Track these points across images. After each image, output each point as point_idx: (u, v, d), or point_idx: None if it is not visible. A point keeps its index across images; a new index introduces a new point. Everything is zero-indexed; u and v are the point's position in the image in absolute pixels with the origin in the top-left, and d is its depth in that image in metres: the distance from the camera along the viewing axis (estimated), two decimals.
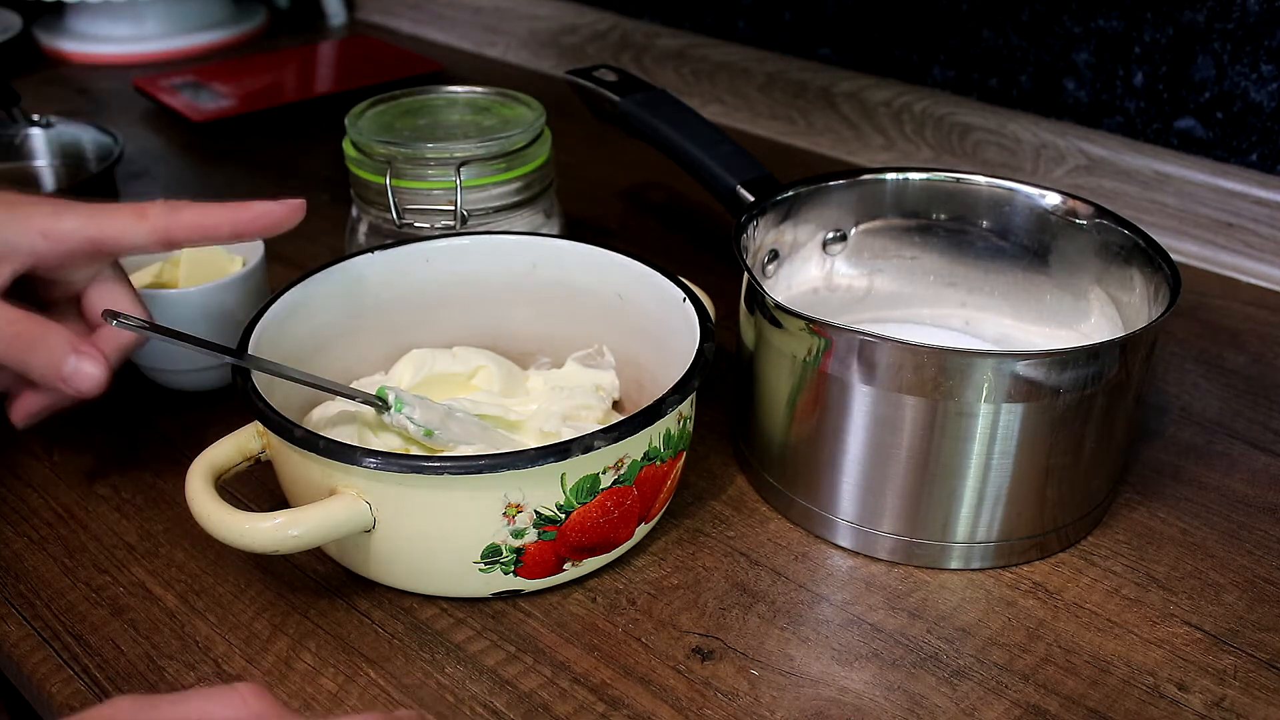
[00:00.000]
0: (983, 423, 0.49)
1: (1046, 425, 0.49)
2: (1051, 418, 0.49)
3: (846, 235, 0.64)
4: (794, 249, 0.63)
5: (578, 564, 0.50)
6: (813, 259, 0.64)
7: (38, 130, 0.94)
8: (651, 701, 0.46)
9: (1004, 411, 0.49)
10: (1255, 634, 0.49)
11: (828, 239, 0.64)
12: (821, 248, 0.64)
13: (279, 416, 0.47)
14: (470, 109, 0.73)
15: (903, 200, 0.64)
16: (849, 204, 0.63)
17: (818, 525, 0.55)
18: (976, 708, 0.46)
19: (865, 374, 0.49)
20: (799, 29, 1.00)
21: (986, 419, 0.49)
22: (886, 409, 0.50)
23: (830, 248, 0.64)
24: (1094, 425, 0.51)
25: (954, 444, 0.50)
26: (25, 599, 0.52)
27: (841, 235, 0.64)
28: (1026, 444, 0.50)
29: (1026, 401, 0.48)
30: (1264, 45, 0.76)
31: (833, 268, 0.65)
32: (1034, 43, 0.87)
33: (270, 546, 0.46)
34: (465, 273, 0.61)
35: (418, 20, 1.31)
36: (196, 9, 1.25)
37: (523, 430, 0.56)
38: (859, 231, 0.64)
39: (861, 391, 0.50)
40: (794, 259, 0.64)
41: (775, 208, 0.61)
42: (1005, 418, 0.49)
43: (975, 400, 0.48)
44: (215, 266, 0.65)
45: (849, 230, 0.64)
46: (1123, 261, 0.57)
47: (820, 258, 0.64)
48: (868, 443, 0.51)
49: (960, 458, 0.50)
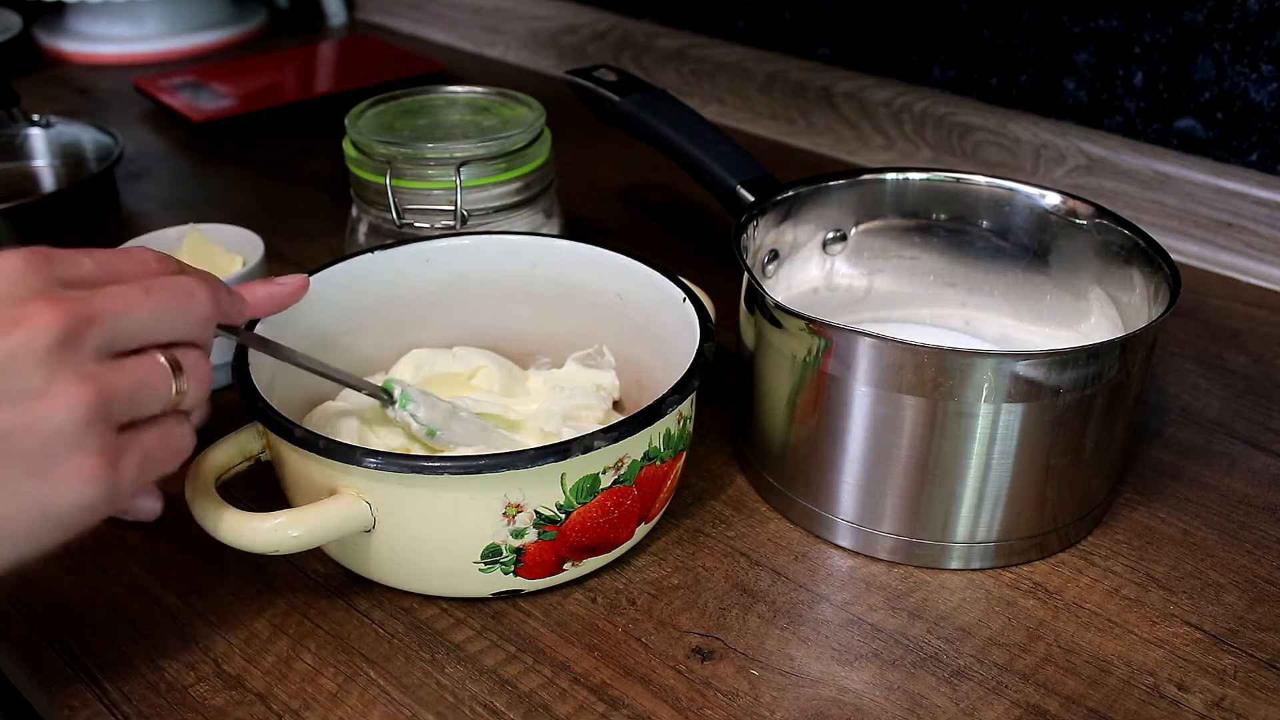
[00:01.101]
0: (982, 423, 0.49)
1: (1046, 425, 0.49)
2: (1051, 418, 0.49)
3: (846, 235, 0.64)
4: (794, 249, 0.63)
5: (578, 564, 0.50)
6: (813, 259, 0.64)
7: (38, 130, 0.94)
8: (651, 701, 0.46)
9: (1004, 411, 0.49)
10: (1255, 634, 0.49)
11: (828, 239, 0.64)
12: (821, 248, 0.64)
13: (279, 416, 0.47)
14: (470, 109, 0.73)
15: (903, 200, 0.64)
16: (849, 204, 0.63)
17: (818, 525, 0.55)
18: (976, 708, 0.46)
19: (865, 374, 0.49)
20: (799, 29, 1.00)
21: (986, 419, 0.49)
22: (887, 409, 0.50)
23: (830, 248, 0.64)
24: (1094, 425, 0.51)
25: (954, 444, 0.50)
26: (25, 599, 0.52)
27: (841, 235, 0.64)
28: (1026, 444, 0.50)
29: (1026, 401, 0.48)
30: (1264, 45, 0.76)
31: (833, 268, 0.65)
32: (1034, 43, 0.87)
33: (270, 546, 0.46)
34: (465, 273, 0.61)
35: (418, 20, 1.31)
36: (196, 9, 1.25)
37: (523, 430, 0.56)
38: (859, 231, 0.64)
39: (861, 391, 0.50)
40: (794, 259, 0.64)
41: (775, 208, 0.61)
42: (1005, 418, 0.49)
43: (975, 400, 0.48)
44: (215, 266, 0.65)
45: (849, 230, 0.64)
46: (1123, 261, 0.57)
47: (820, 258, 0.64)
48: (868, 443, 0.51)
49: (960, 458, 0.50)
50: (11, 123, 0.94)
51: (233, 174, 0.96)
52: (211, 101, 1.06)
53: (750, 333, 0.55)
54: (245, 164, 0.98)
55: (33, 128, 0.94)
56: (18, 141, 0.94)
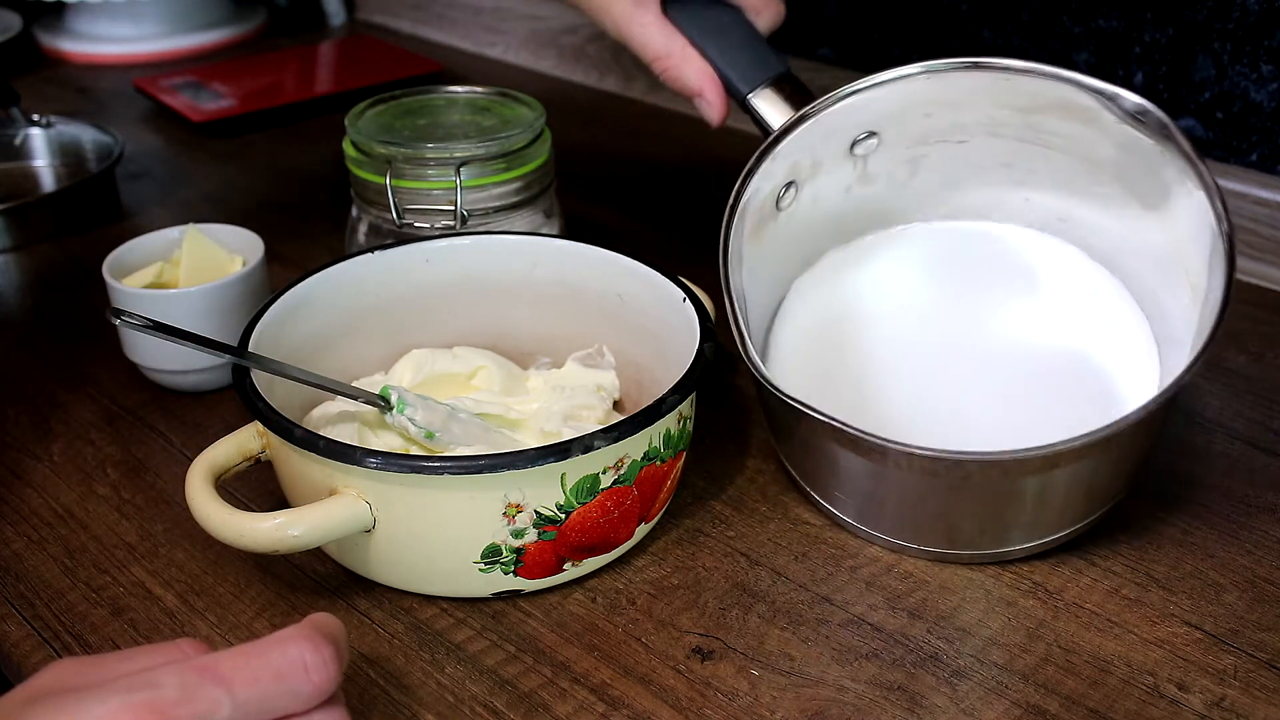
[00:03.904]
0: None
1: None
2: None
3: (877, 132, 0.57)
4: (814, 170, 0.58)
5: (578, 564, 0.50)
6: (840, 169, 0.59)
7: (38, 130, 0.94)
8: (651, 701, 0.46)
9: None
10: (1255, 634, 0.49)
11: (857, 139, 0.57)
12: (849, 150, 0.58)
13: (279, 416, 0.47)
14: (470, 109, 0.73)
15: (946, 95, 0.56)
16: (875, 108, 0.57)
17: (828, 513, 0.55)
18: (976, 708, 0.46)
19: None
20: (799, 29, 1.00)
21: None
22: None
23: (859, 147, 0.57)
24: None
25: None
26: (25, 599, 0.52)
27: (871, 133, 0.57)
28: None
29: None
30: (1264, 45, 0.76)
31: (865, 167, 0.59)
32: (1034, 43, 0.87)
33: (270, 546, 0.46)
34: (465, 273, 0.61)
35: (418, 20, 1.31)
36: (196, 9, 1.25)
37: (524, 429, 0.56)
38: (893, 126, 0.58)
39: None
40: (816, 178, 0.58)
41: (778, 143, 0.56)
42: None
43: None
44: (215, 266, 0.65)
45: (881, 128, 0.57)
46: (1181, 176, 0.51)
47: (849, 160, 0.58)
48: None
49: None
50: (11, 123, 0.94)
51: (233, 174, 0.96)
52: (211, 101, 1.06)
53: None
54: (245, 164, 0.98)
55: (33, 128, 0.94)
56: (18, 141, 0.94)
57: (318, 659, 0.36)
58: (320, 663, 0.36)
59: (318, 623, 0.37)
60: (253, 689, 0.34)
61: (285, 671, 0.35)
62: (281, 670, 0.35)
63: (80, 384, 0.67)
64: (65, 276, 0.79)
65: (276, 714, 0.35)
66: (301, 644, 0.36)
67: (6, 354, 0.70)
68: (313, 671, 0.36)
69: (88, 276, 0.79)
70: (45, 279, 0.80)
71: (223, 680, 0.34)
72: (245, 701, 0.34)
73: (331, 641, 0.37)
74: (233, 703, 0.34)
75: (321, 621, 0.38)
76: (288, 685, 0.35)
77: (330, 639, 0.37)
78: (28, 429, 0.63)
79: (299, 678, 0.35)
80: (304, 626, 0.37)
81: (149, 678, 0.34)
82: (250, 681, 0.34)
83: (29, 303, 0.77)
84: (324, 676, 0.36)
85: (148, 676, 0.34)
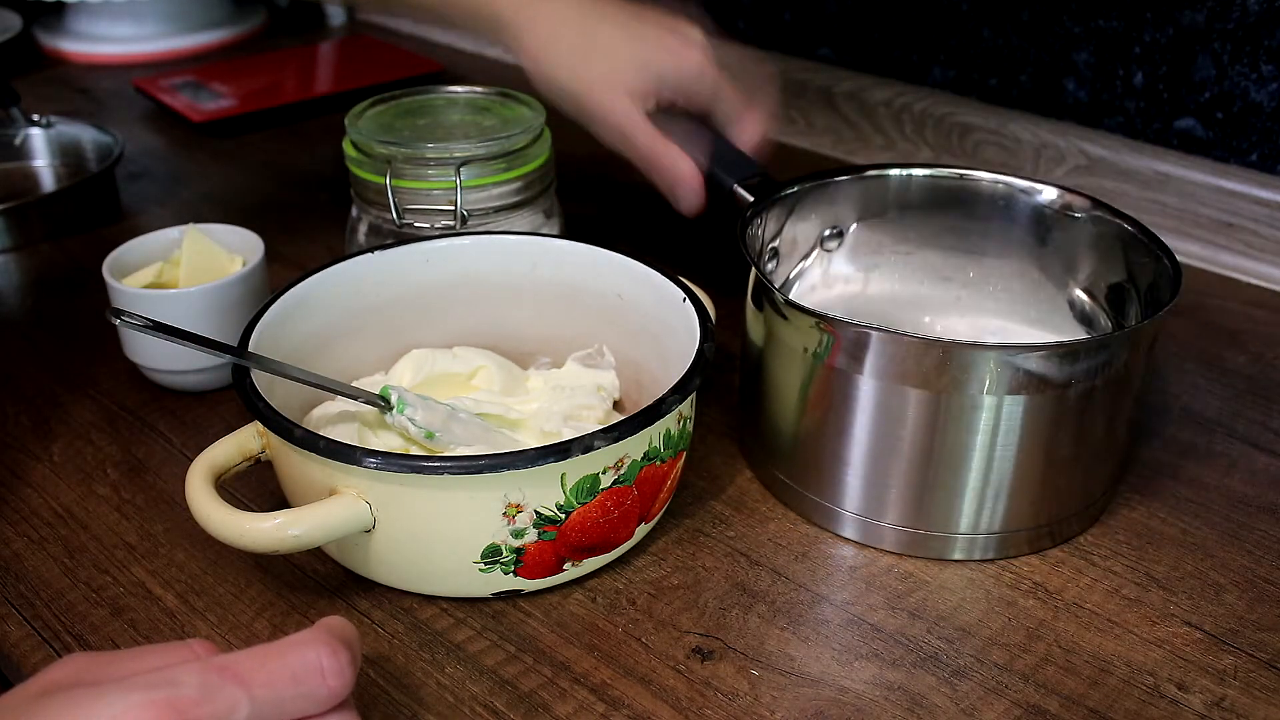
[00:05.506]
0: (986, 415, 0.49)
1: (1049, 418, 0.50)
2: (1054, 411, 0.50)
3: (844, 232, 0.64)
4: (794, 247, 0.63)
5: (578, 564, 0.50)
6: (811, 257, 0.65)
7: (38, 130, 0.94)
8: (651, 701, 0.46)
9: (1006, 404, 0.49)
10: (1255, 634, 0.49)
11: (825, 235, 0.64)
12: (819, 244, 0.64)
13: (279, 416, 0.47)
14: (470, 109, 0.73)
15: (903, 196, 0.64)
16: (850, 200, 0.64)
17: (824, 518, 0.55)
18: (976, 708, 0.46)
19: (871, 367, 0.50)
20: (799, 29, 1.00)
21: (990, 411, 0.49)
22: (892, 402, 0.50)
23: (827, 244, 0.64)
24: (1095, 419, 0.51)
25: (958, 436, 0.50)
26: (25, 599, 0.52)
27: (838, 232, 0.64)
28: (1029, 436, 0.50)
29: (1029, 394, 0.49)
30: (1264, 45, 0.76)
31: (829, 265, 0.65)
32: (1034, 43, 0.87)
33: (270, 546, 0.46)
34: (465, 273, 0.61)
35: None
36: (196, 9, 1.25)
37: (524, 429, 0.56)
38: (857, 228, 0.64)
39: (868, 385, 0.50)
40: (793, 257, 0.64)
41: (778, 205, 0.61)
42: (1008, 410, 0.49)
43: (979, 393, 0.49)
44: (215, 266, 0.65)
45: (847, 227, 0.64)
46: (1121, 254, 0.58)
47: (818, 255, 0.65)
48: (874, 435, 0.51)
49: (964, 450, 0.50)
50: (11, 123, 0.94)
51: (233, 174, 0.96)
52: (211, 101, 1.06)
53: (758, 329, 0.55)
54: (245, 164, 0.98)
55: (33, 128, 0.94)
56: (18, 141, 0.94)
57: (334, 664, 0.36)
58: (336, 667, 0.36)
59: (332, 627, 0.37)
60: (270, 691, 0.34)
61: (302, 675, 0.35)
62: (299, 673, 0.35)
63: (80, 384, 0.67)
64: (65, 277, 0.79)
65: (292, 716, 0.35)
66: (319, 648, 0.36)
67: (6, 354, 0.70)
68: (329, 676, 0.36)
69: (88, 276, 0.79)
70: (45, 279, 0.79)
71: (242, 681, 0.34)
72: (263, 703, 0.34)
73: (347, 646, 0.37)
74: (251, 704, 0.34)
75: (336, 626, 0.38)
76: (304, 689, 0.35)
77: (345, 644, 0.37)
78: (28, 429, 0.63)
79: (315, 681, 0.36)
80: (319, 630, 0.37)
81: (169, 675, 0.34)
82: (268, 683, 0.34)
83: (29, 303, 0.77)
84: (340, 681, 0.36)
85: (167, 674, 0.34)
